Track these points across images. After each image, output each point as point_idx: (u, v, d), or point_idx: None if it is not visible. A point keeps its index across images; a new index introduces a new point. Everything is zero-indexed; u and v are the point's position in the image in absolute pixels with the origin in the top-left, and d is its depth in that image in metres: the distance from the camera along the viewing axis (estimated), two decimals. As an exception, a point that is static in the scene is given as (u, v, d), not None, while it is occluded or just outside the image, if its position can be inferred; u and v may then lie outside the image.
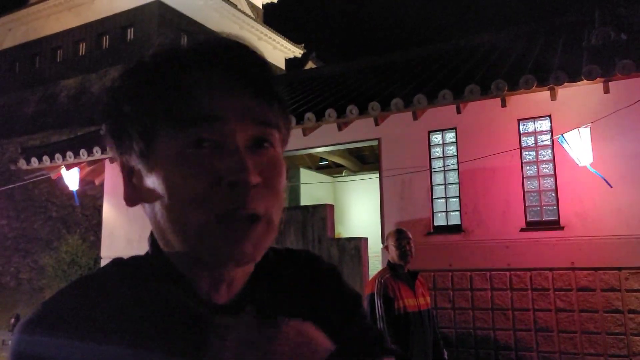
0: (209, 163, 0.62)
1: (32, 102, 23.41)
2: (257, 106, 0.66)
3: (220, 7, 24.24)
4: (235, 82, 0.65)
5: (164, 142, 0.63)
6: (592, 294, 6.27)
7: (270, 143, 0.67)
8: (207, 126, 0.62)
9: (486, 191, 6.91)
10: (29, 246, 17.36)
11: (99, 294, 0.64)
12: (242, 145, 0.64)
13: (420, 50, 10.38)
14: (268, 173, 0.65)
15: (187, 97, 0.63)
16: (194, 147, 0.62)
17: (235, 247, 0.62)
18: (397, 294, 3.66)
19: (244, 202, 0.61)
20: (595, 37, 6.73)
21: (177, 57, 0.67)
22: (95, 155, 8.80)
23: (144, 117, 0.64)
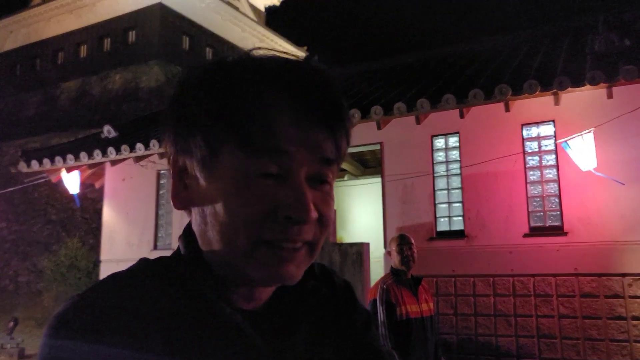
0: (270, 194, 0.62)
1: (32, 105, 23.41)
2: (325, 142, 0.64)
3: (222, 9, 24.28)
4: (313, 115, 0.64)
5: (229, 161, 0.62)
6: (596, 300, 6.23)
7: (328, 180, 0.67)
8: (276, 159, 0.62)
9: (489, 196, 6.88)
10: (28, 249, 17.31)
11: (132, 293, 0.62)
12: (304, 181, 0.64)
13: (423, 54, 10.37)
14: (322, 208, 0.65)
15: (263, 125, 0.62)
16: (258, 176, 0.62)
17: (279, 270, 0.63)
18: (399, 300, 3.64)
19: (296, 237, 0.63)
20: (599, 42, 6.72)
21: (261, 72, 0.64)
22: (95, 159, 8.77)
23: (216, 130, 0.63)
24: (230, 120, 0.62)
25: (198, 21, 23.17)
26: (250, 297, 0.69)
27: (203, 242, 0.67)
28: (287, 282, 0.65)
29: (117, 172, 9.60)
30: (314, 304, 0.76)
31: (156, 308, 0.61)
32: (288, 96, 0.63)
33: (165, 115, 0.69)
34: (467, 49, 9.76)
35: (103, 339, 0.56)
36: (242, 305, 0.68)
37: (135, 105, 19.57)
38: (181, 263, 0.68)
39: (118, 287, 0.63)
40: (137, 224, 9.40)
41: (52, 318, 0.59)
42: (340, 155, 0.67)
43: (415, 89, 7.39)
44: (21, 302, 14.79)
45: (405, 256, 3.77)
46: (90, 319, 0.58)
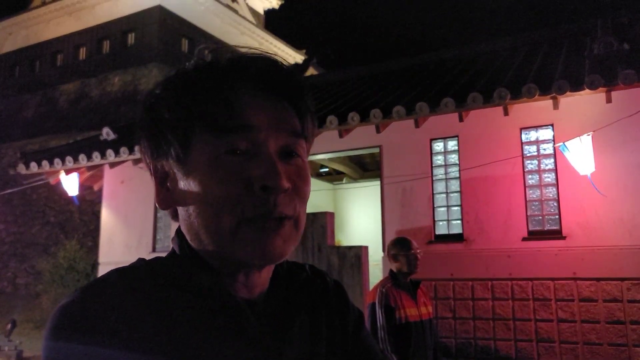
0: (243, 169, 0.66)
1: (31, 107, 23.39)
2: (289, 117, 0.70)
3: (222, 12, 24.30)
4: (270, 94, 0.69)
5: (200, 148, 0.67)
6: (594, 305, 6.23)
7: (298, 153, 0.71)
8: (243, 135, 0.66)
9: (488, 200, 6.88)
10: (27, 251, 17.28)
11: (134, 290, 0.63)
12: (274, 153, 0.67)
13: (422, 58, 10.37)
14: (296, 180, 0.69)
15: (225, 106, 0.67)
16: (228, 153, 0.66)
17: (266, 245, 0.66)
18: (398, 304, 3.62)
19: (275, 205, 0.65)
20: (598, 46, 6.73)
21: (216, 68, 0.70)
22: (94, 161, 8.76)
23: (183, 123, 0.68)
24: (194, 108, 0.67)
25: (197, 24, 23.18)
26: (247, 284, 0.71)
27: (191, 237, 0.70)
28: (276, 259, 0.68)
29: (116, 174, 9.60)
30: (309, 295, 0.80)
31: (158, 304, 0.63)
32: (247, 78, 0.69)
33: (138, 127, 0.73)
34: (466, 52, 9.77)
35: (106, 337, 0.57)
36: (243, 295, 0.70)
37: (134, 108, 19.55)
38: (177, 262, 0.71)
39: (120, 283, 0.64)
40: (136, 226, 9.39)
41: (53, 315, 0.59)
42: (305, 129, 0.72)
43: (414, 92, 7.40)
44: (19, 304, 14.75)
45: (410, 260, 3.73)
46: (94, 316, 0.58)
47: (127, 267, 0.69)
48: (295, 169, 0.70)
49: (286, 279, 0.79)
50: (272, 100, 0.69)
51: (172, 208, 0.72)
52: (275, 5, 30.12)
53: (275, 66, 0.72)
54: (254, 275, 0.71)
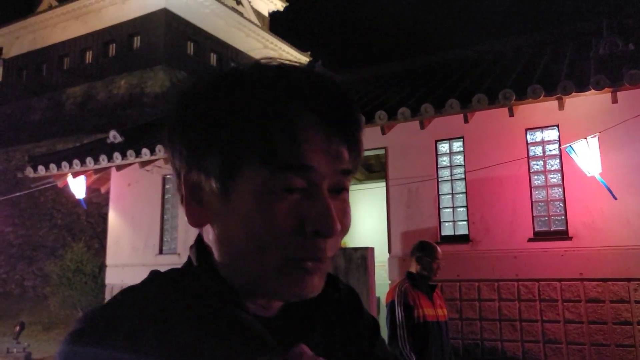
0: (296, 209, 0.61)
1: (38, 110, 23.55)
2: (346, 154, 0.64)
3: (226, 15, 24.38)
4: (333, 126, 0.62)
5: (252, 177, 0.60)
6: (601, 305, 6.21)
7: (346, 190, 0.66)
8: (301, 173, 0.60)
9: (494, 201, 6.87)
10: (34, 253, 17.38)
11: (148, 306, 0.61)
12: (327, 192, 0.63)
13: (427, 59, 10.38)
14: (341, 218, 0.64)
15: (287, 139, 0.60)
16: (282, 191, 0.60)
17: (307, 285, 0.63)
18: (416, 303, 3.68)
19: (323, 253, 0.62)
20: (603, 47, 6.72)
21: (279, 84, 0.63)
22: (101, 164, 8.82)
23: (238, 143, 0.61)
24: (252, 135, 0.60)
25: (202, 27, 23.27)
26: (266, 307, 0.69)
27: (222, 256, 0.65)
28: (311, 295, 0.65)
29: (123, 177, 9.65)
30: (325, 309, 0.76)
31: (174, 320, 0.59)
32: (308, 108, 0.61)
33: (171, 128, 0.66)
34: (470, 53, 9.77)
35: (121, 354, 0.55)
36: (258, 312, 0.67)
37: (140, 111, 19.65)
38: (195, 275, 0.67)
39: (133, 301, 0.62)
40: (143, 228, 9.43)
41: (66, 335, 0.57)
42: (357, 164, 0.66)
43: (419, 93, 7.40)
44: (27, 306, 14.85)
45: (431, 268, 3.83)
46: (107, 334, 0.56)
47: (139, 284, 0.66)
48: (342, 204, 0.65)
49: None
50: (331, 134, 0.62)
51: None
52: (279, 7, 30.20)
53: (334, 90, 0.65)
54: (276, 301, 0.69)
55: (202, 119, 0.63)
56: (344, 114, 0.64)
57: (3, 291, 17.31)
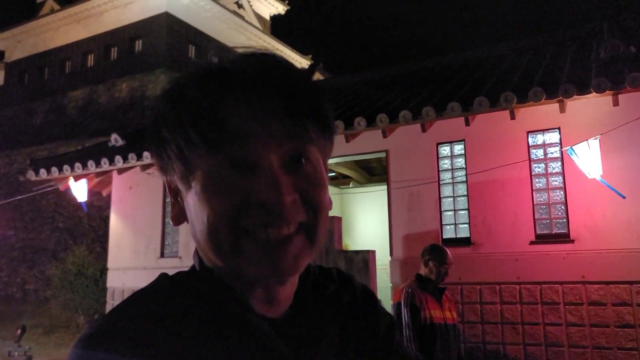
0: (240, 183, 0.61)
1: (40, 113, 23.58)
2: (289, 121, 0.63)
3: (228, 18, 24.42)
4: (264, 97, 0.63)
5: (198, 164, 0.63)
6: (603, 308, 6.20)
7: (308, 158, 0.65)
8: (238, 146, 0.61)
9: (495, 204, 6.87)
10: (36, 257, 17.39)
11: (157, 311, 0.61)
12: (276, 164, 0.62)
13: (428, 62, 10.39)
14: (305, 187, 0.64)
15: (217, 117, 0.62)
16: (226, 167, 0.62)
17: (274, 261, 0.62)
18: (424, 304, 3.67)
19: (276, 221, 0.61)
20: (605, 49, 6.71)
21: (208, 77, 0.65)
22: (103, 167, 8.83)
23: (179, 139, 0.64)
24: (185, 122, 0.63)
25: (204, 30, 23.30)
26: (269, 301, 0.68)
27: (203, 255, 0.67)
28: (286, 274, 0.64)
29: (124, 180, 9.65)
30: (337, 309, 0.75)
31: (181, 325, 0.60)
32: (245, 88, 0.63)
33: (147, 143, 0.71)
34: (472, 56, 9.77)
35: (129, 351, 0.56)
36: (265, 313, 0.67)
37: (142, 114, 19.68)
38: (199, 279, 0.68)
39: (142, 305, 0.63)
40: (144, 232, 9.44)
41: (77, 340, 0.58)
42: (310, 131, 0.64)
43: (421, 96, 7.41)
44: (29, 309, 14.84)
45: (440, 273, 3.80)
46: (116, 339, 0.57)
47: (147, 287, 0.67)
48: (304, 175, 0.64)
49: (313, 292, 0.74)
50: (268, 104, 0.62)
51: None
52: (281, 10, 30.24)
53: (269, 64, 0.66)
54: (275, 291, 0.67)
55: (156, 125, 0.67)
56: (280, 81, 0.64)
57: (5, 294, 17.32)
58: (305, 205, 0.64)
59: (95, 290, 11.98)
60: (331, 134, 0.70)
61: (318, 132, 0.66)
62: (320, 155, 0.68)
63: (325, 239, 0.68)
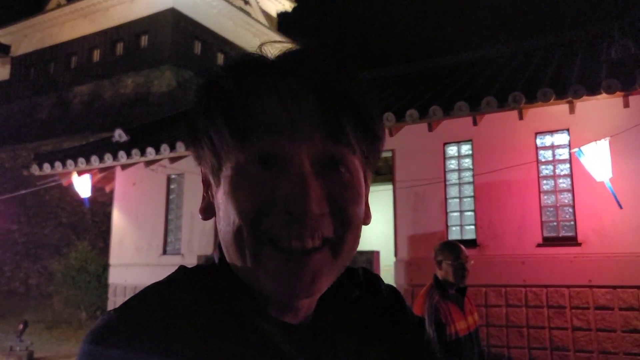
0: (269, 183, 0.57)
1: (45, 108, 23.61)
2: (324, 119, 0.57)
3: (234, 15, 24.38)
4: (299, 89, 0.58)
5: (228, 158, 0.59)
6: (610, 313, 6.11)
7: (346, 165, 0.59)
8: (267, 140, 0.57)
9: (502, 205, 6.79)
10: (39, 252, 17.41)
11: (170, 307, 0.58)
12: (309, 167, 0.57)
13: (435, 61, 10.31)
14: (339, 199, 0.58)
15: (248, 108, 0.58)
16: (256, 164, 0.57)
17: (293, 279, 0.57)
18: (448, 319, 3.37)
19: (300, 234, 0.56)
20: (615, 50, 6.62)
21: (243, 66, 0.62)
22: (106, 162, 8.79)
23: (210, 130, 0.61)
24: (216, 114, 0.60)
25: (210, 26, 23.27)
26: (288, 308, 0.63)
27: (225, 252, 0.63)
28: (303, 296, 0.59)
29: (128, 176, 9.62)
30: (360, 316, 0.71)
31: (193, 324, 0.57)
32: (283, 80, 0.59)
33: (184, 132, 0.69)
34: (480, 56, 9.69)
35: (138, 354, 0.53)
36: (284, 318, 0.62)
37: (146, 110, 19.66)
38: (215, 275, 0.64)
39: (156, 300, 0.59)
40: (147, 228, 9.40)
41: (86, 334, 0.55)
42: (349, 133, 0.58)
43: (428, 96, 7.33)
44: (31, 304, 14.85)
45: (459, 269, 3.43)
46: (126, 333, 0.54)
47: (165, 280, 0.63)
48: (339, 184, 0.58)
49: (336, 296, 0.69)
50: (300, 96, 0.58)
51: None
52: (288, 8, 30.17)
53: (311, 56, 0.62)
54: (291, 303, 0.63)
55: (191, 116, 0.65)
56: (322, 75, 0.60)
57: (7, 289, 17.34)
58: (336, 219, 0.58)
59: (97, 286, 11.97)
60: (376, 140, 0.63)
61: (359, 135, 0.60)
62: (360, 165, 0.62)
63: (352, 257, 0.62)
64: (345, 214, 0.58)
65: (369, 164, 0.65)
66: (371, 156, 0.64)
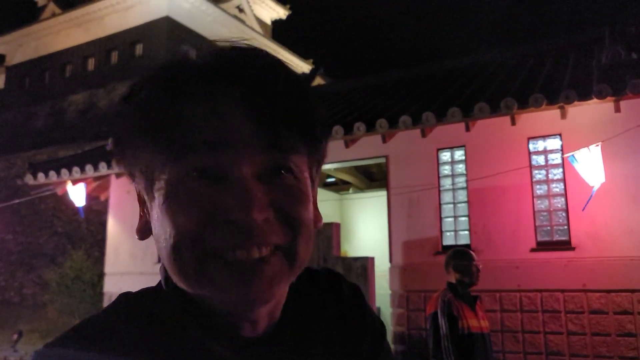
0: (206, 196, 0.53)
1: (40, 117, 23.57)
2: (264, 127, 0.54)
3: (229, 23, 24.44)
4: (235, 97, 0.54)
5: (163, 173, 0.55)
6: (605, 317, 6.13)
7: (289, 169, 0.56)
8: (205, 153, 0.53)
9: (496, 210, 6.81)
10: (34, 261, 17.33)
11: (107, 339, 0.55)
12: (250, 176, 0.54)
13: (428, 67, 10.36)
14: (284, 203, 0.55)
15: (184, 120, 0.54)
16: (193, 178, 0.53)
17: (243, 289, 0.53)
18: (460, 313, 3.57)
19: (244, 242, 0.52)
20: (606, 55, 6.67)
21: (170, 72, 0.58)
22: (101, 171, 8.78)
23: (137, 146, 0.56)
24: (152, 132, 0.55)
25: (204, 34, 23.30)
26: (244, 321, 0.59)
27: (168, 269, 0.58)
28: (258, 303, 0.56)
29: (122, 184, 9.60)
30: (322, 322, 0.68)
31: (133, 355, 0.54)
32: (218, 86, 0.55)
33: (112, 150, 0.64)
34: (472, 62, 9.74)
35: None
36: (243, 332, 0.59)
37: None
38: (159, 298, 0.61)
39: (93, 332, 0.56)
40: (142, 236, 9.37)
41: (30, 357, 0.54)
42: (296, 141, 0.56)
43: (421, 102, 7.37)
44: (26, 314, 14.77)
45: (475, 272, 3.68)
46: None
47: (102, 312, 0.60)
48: (282, 189, 0.55)
49: (298, 302, 0.66)
50: (237, 103, 0.54)
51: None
52: (282, 15, 30.27)
53: (249, 59, 0.57)
54: (246, 315, 0.59)
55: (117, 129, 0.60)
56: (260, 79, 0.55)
57: (2, 299, 17.24)
58: (283, 223, 0.55)
59: (92, 295, 11.93)
60: (319, 141, 0.60)
61: (298, 140, 0.57)
62: (306, 165, 0.59)
63: (307, 260, 0.59)
64: (292, 218, 0.56)
65: (315, 163, 0.62)
66: (315, 156, 0.61)
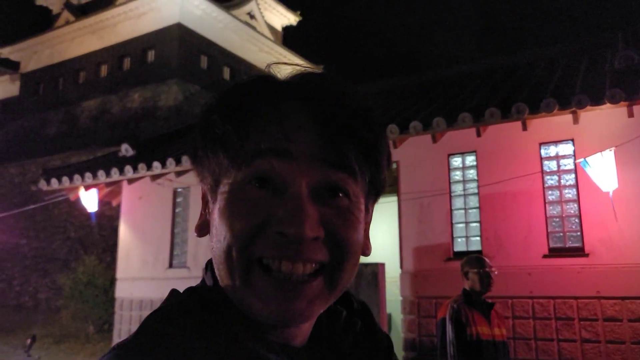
0: (263, 205, 0.56)
1: (54, 123, 23.85)
2: (326, 145, 0.57)
3: (240, 29, 24.59)
4: (306, 115, 0.58)
5: (227, 177, 0.59)
6: (619, 325, 6.04)
7: (346, 193, 0.58)
8: (269, 160, 0.57)
9: (507, 216, 6.75)
10: (48, 266, 17.48)
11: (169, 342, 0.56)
12: (306, 191, 0.56)
13: (439, 72, 10.33)
14: (336, 225, 0.57)
15: (252, 130, 0.58)
16: (253, 183, 0.57)
17: (283, 305, 0.56)
18: (470, 320, 3.55)
19: (291, 255, 0.55)
20: (619, 60, 6.61)
21: (250, 88, 0.62)
22: (113, 177, 8.84)
23: (208, 149, 0.61)
24: (223, 139, 0.59)
25: (216, 41, 23.47)
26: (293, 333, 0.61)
27: (217, 271, 0.61)
28: (295, 322, 0.58)
29: (134, 190, 9.67)
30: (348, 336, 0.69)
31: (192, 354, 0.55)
32: (287, 103, 0.59)
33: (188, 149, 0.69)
34: (483, 67, 9.69)
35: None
36: (288, 342, 0.61)
37: (153, 124, 19.80)
38: (209, 299, 0.62)
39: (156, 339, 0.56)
40: (153, 242, 9.42)
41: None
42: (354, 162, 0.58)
43: (431, 107, 7.34)
44: (40, 319, 14.89)
45: (484, 278, 3.64)
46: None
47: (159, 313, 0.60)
48: (337, 210, 0.58)
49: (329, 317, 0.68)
50: (309, 124, 0.58)
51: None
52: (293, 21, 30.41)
53: (318, 82, 0.61)
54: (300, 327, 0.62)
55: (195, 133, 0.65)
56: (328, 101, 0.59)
57: (17, 303, 17.40)
58: (333, 245, 0.57)
59: (104, 300, 12.00)
60: (379, 169, 0.62)
61: (361, 164, 0.59)
62: (362, 193, 0.61)
63: (348, 285, 0.61)
64: (341, 240, 0.58)
65: (372, 193, 0.64)
66: (374, 185, 0.63)
